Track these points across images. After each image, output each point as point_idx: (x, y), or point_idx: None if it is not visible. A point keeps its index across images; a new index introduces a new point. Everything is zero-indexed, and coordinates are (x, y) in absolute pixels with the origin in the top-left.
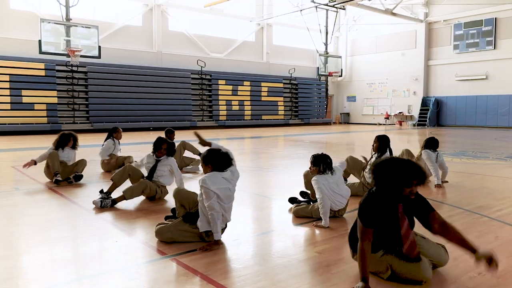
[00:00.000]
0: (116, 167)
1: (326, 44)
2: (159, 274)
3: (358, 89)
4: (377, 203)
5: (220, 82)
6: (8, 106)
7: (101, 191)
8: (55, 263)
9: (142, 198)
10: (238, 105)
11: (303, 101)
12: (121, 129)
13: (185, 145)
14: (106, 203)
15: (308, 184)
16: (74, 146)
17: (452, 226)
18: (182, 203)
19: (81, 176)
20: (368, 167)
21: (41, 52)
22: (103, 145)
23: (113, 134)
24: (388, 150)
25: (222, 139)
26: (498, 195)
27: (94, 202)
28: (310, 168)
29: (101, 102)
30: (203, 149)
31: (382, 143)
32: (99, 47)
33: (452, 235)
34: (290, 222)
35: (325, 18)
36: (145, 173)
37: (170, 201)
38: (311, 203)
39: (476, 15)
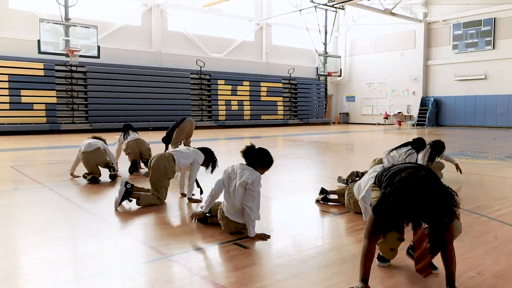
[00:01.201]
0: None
1: (325, 44)
2: (158, 274)
3: (357, 89)
4: (395, 209)
5: (220, 82)
6: (7, 106)
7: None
8: (54, 263)
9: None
10: (237, 105)
11: (302, 101)
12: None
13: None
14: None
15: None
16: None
17: (450, 257)
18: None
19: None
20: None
21: (40, 52)
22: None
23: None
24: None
25: (221, 139)
26: (497, 195)
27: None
28: None
29: (100, 102)
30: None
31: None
32: (98, 47)
33: (444, 259)
34: (290, 222)
35: (324, 18)
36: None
37: (170, 201)
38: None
39: (475, 15)
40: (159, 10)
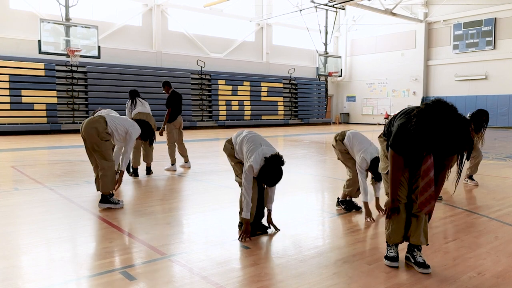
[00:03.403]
0: None
1: (325, 44)
2: (159, 274)
3: (358, 89)
4: (409, 138)
5: (220, 82)
6: (7, 106)
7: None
8: (53, 263)
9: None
10: (237, 105)
11: (303, 101)
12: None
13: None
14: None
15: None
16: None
17: (441, 181)
18: None
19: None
20: None
21: (40, 52)
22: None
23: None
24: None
25: (221, 139)
26: (498, 195)
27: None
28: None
29: (100, 102)
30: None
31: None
32: (99, 47)
33: (436, 179)
34: (290, 222)
35: (324, 18)
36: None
37: (169, 202)
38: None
39: (475, 15)
40: (159, 10)
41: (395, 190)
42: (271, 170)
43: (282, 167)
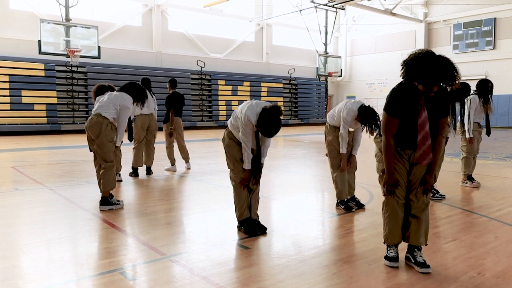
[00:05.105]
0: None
1: (325, 44)
2: (159, 274)
3: (358, 89)
4: (403, 93)
5: (220, 82)
6: (7, 107)
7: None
8: (53, 263)
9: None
10: (237, 105)
11: (303, 101)
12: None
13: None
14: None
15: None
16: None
17: (437, 148)
18: None
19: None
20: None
21: (40, 52)
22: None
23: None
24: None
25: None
26: (498, 195)
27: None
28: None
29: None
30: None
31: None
32: (99, 47)
33: (433, 147)
34: (290, 222)
35: (324, 18)
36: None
37: (169, 202)
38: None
39: (475, 15)
40: (159, 11)
41: (391, 163)
42: (269, 119)
43: (280, 117)
